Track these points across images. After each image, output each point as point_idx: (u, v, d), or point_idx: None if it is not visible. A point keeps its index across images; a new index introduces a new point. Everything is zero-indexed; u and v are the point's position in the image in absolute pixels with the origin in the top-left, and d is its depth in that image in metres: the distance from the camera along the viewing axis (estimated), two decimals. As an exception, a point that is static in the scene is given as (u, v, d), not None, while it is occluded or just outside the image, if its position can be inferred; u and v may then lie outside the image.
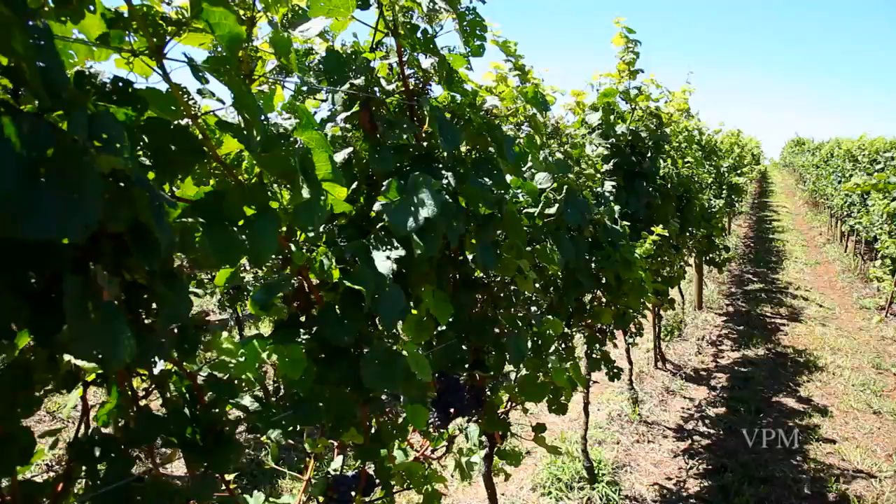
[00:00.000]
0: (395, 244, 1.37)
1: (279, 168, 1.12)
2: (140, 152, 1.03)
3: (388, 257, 1.35)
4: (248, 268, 4.77)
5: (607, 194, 3.03)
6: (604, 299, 3.11)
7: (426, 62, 1.70)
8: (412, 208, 1.30)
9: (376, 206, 1.34)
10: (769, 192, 31.99)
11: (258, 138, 1.06)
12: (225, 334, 1.18)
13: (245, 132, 1.08)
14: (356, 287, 1.27)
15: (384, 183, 1.36)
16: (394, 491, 1.68)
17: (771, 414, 5.45)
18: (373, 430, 1.58)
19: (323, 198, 1.19)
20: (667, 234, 3.47)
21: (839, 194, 11.92)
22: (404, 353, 1.40)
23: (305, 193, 1.12)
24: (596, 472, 4.17)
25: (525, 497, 4.04)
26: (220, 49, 1.09)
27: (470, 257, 1.88)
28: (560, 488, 4.04)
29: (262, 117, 1.13)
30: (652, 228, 3.20)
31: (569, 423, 5.08)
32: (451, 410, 1.82)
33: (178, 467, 1.77)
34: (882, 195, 7.32)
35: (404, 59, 1.65)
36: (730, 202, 9.53)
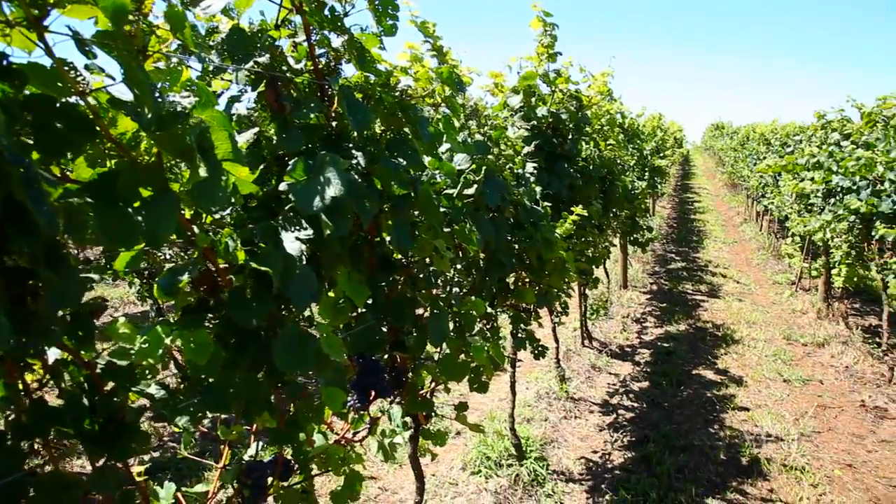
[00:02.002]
0: (304, 224, 1.35)
1: (175, 147, 1.08)
2: (22, 131, 0.97)
3: (297, 238, 1.33)
4: (167, 256, 4.62)
5: (529, 175, 3.07)
6: (527, 279, 3.16)
7: (337, 41, 1.67)
8: (318, 187, 1.28)
9: (282, 186, 1.32)
10: (691, 175, 33.23)
11: (150, 116, 1.02)
12: (122, 319, 1.14)
13: (137, 109, 1.04)
14: (264, 269, 1.25)
15: (291, 162, 1.33)
16: (313, 474, 1.67)
17: (691, 386, 5.69)
18: (290, 414, 1.56)
19: (224, 178, 1.16)
20: (587, 215, 3.56)
21: (754, 176, 12.49)
22: (318, 335, 1.39)
23: (203, 172, 1.08)
24: (524, 448, 4.27)
25: (455, 476, 4.09)
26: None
27: (387, 238, 1.87)
28: (489, 466, 4.11)
29: (157, 95, 1.09)
30: (572, 209, 3.27)
31: (498, 402, 5.17)
32: (371, 392, 1.82)
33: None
34: (791, 176, 7.71)
35: (314, 37, 1.62)
36: (652, 184, 9.83)
